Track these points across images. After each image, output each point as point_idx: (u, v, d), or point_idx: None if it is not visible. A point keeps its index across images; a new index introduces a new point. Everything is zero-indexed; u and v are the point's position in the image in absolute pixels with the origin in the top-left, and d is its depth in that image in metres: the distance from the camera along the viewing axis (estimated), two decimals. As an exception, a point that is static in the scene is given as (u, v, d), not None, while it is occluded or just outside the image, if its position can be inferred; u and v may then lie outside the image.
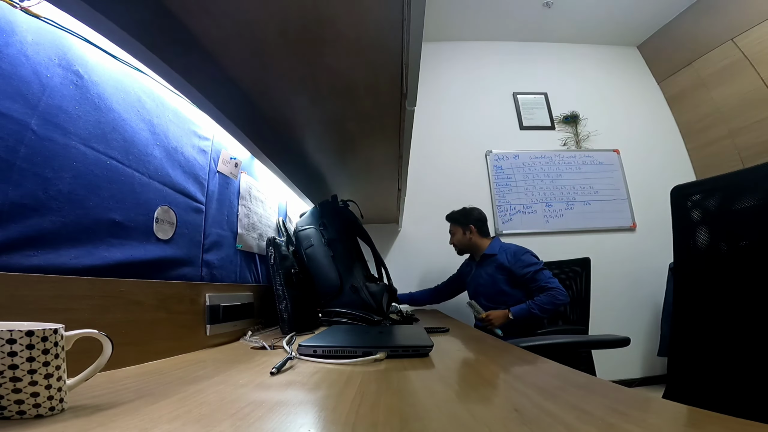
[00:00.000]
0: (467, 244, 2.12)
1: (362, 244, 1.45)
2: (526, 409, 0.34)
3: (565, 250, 2.60)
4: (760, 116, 2.59)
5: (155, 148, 0.72)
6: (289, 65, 0.78)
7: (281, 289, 1.00)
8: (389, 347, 0.63)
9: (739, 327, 0.61)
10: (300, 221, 1.33)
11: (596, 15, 3.15)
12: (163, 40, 0.59)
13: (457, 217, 2.16)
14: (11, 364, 0.30)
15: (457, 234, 2.15)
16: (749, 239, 0.62)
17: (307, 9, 0.62)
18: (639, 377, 2.70)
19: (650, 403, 0.36)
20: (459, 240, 2.14)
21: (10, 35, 0.47)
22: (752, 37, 2.62)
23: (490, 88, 3.27)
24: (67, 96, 0.54)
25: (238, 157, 1.04)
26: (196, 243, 0.83)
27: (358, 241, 1.42)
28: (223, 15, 0.63)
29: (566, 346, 1.45)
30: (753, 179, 0.63)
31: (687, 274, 0.71)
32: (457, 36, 3.37)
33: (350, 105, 0.96)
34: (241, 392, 0.42)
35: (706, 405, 0.32)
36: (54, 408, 0.33)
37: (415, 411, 0.35)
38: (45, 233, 0.49)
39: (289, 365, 0.56)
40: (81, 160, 0.55)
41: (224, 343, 0.84)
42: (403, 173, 1.51)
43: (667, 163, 3.13)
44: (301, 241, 1.29)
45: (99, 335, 0.38)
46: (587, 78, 3.37)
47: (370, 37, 0.69)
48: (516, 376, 0.48)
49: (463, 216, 2.14)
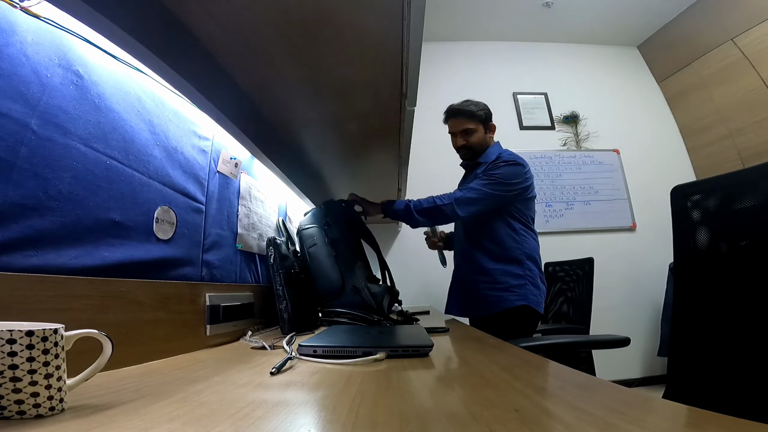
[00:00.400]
0: (484, 146, 1.58)
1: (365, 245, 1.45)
2: (526, 409, 0.34)
3: (565, 250, 2.60)
4: (760, 116, 2.59)
5: (155, 148, 0.72)
6: (289, 65, 0.78)
7: (281, 289, 1.00)
8: (389, 347, 0.63)
9: (739, 327, 0.61)
10: (304, 220, 1.34)
11: (596, 15, 3.15)
12: (163, 40, 0.59)
13: (476, 113, 1.56)
14: (11, 364, 0.30)
15: (478, 132, 1.56)
16: (749, 239, 0.62)
17: (307, 9, 0.62)
18: (639, 377, 2.70)
19: (650, 403, 0.36)
20: (479, 139, 1.56)
21: (10, 35, 0.47)
22: (752, 37, 2.62)
23: (490, 88, 3.27)
24: (67, 96, 0.54)
25: (238, 157, 1.04)
26: (196, 243, 0.83)
27: (361, 242, 1.42)
28: (223, 15, 0.63)
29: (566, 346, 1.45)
30: (753, 179, 0.63)
31: (687, 274, 0.71)
32: (457, 36, 3.37)
33: (350, 105, 0.96)
34: (241, 392, 0.42)
35: (706, 405, 0.32)
36: (54, 408, 0.33)
37: (415, 411, 0.35)
38: (45, 233, 0.49)
39: (289, 365, 0.56)
40: (81, 160, 0.55)
41: (224, 343, 0.84)
42: (403, 173, 1.51)
43: (667, 163, 3.13)
44: (304, 240, 1.29)
45: (99, 335, 0.38)
46: (587, 78, 3.37)
47: (370, 37, 0.69)
48: (516, 376, 0.48)
49: (485, 111, 1.59)
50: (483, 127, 1.59)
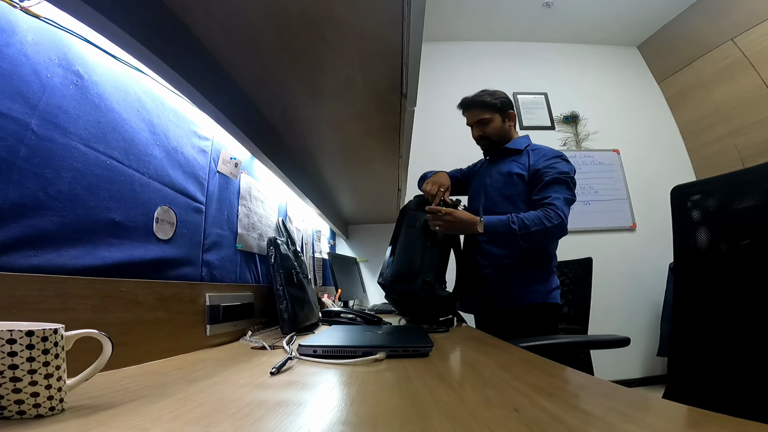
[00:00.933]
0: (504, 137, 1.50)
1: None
2: (526, 409, 0.34)
3: (565, 250, 2.58)
4: (760, 116, 2.59)
5: (155, 148, 0.72)
6: (289, 65, 0.78)
7: (281, 289, 1.00)
8: (389, 347, 0.63)
9: (739, 327, 0.61)
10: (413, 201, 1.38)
11: (596, 15, 3.15)
12: (163, 40, 0.59)
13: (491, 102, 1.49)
14: (11, 364, 0.30)
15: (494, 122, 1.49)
16: (749, 239, 0.62)
17: (307, 9, 0.62)
18: (639, 377, 2.70)
19: (650, 403, 0.36)
20: (497, 129, 1.48)
21: (10, 35, 0.47)
22: (752, 37, 2.62)
23: (490, 88, 3.27)
24: (67, 96, 0.54)
25: (238, 157, 1.04)
26: (196, 243, 0.83)
27: (451, 250, 1.42)
28: (223, 15, 0.63)
29: (566, 346, 1.45)
30: (753, 179, 0.63)
31: (687, 274, 0.71)
32: (457, 36, 3.37)
33: (350, 105, 0.96)
34: (241, 392, 0.42)
35: (706, 405, 0.32)
36: (54, 408, 0.33)
37: (415, 411, 0.35)
38: (45, 233, 0.49)
39: (289, 365, 0.56)
40: (81, 160, 0.55)
41: (224, 343, 0.84)
42: (402, 173, 1.51)
43: (667, 163, 3.13)
44: (405, 216, 1.33)
45: (99, 335, 0.38)
46: (587, 78, 3.37)
47: (370, 37, 0.69)
48: (516, 376, 0.48)
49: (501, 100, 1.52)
50: (500, 116, 1.50)
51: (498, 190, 1.40)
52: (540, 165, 1.32)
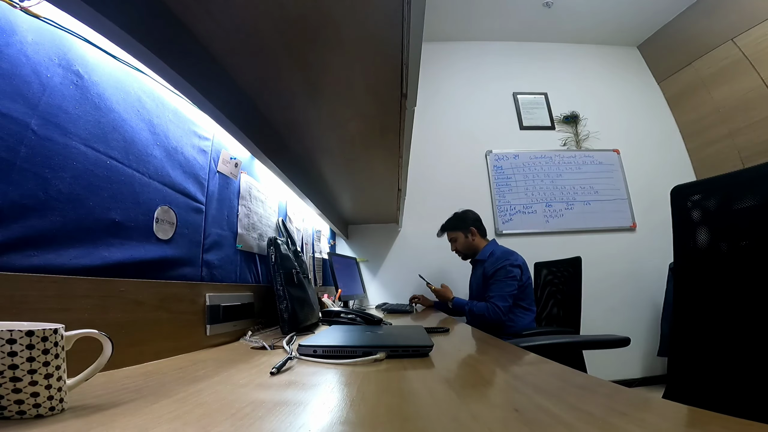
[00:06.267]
0: (471, 247, 2.12)
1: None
2: (526, 409, 0.34)
3: (565, 250, 2.60)
4: (760, 116, 2.59)
5: (155, 148, 0.72)
6: (288, 65, 0.78)
7: (281, 289, 1.00)
8: (389, 347, 0.63)
9: (739, 327, 0.61)
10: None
11: (596, 15, 3.15)
12: (164, 40, 0.59)
13: (454, 224, 2.16)
14: (11, 364, 0.30)
15: (459, 239, 2.14)
16: (749, 239, 0.62)
17: (307, 9, 0.62)
18: (639, 377, 2.70)
19: (650, 403, 0.36)
20: (462, 245, 2.14)
21: (10, 35, 0.47)
22: (752, 37, 2.62)
23: (490, 88, 3.27)
24: (67, 96, 0.54)
25: (238, 157, 1.04)
26: (196, 243, 0.83)
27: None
28: (223, 15, 0.63)
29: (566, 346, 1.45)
30: (753, 179, 0.63)
31: (687, 274, 0.71)
32: (457, 36, 3.37)
33: (350, 105, 0.96)
34: (241, 392, 0.42)
35: (706, 405, 0.32)
36: (54, 408, 0.33)
37: (415, 411, 0.35)
38: (45, 233, 0.49)
39: (289, 365, 0.56)
40: (81, 160, 0.55)
41: (224, 343, 0.84)
42: (403, 173, 1.51)
43: (667, 163, 3.13)
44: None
45: (99, 335, 0.38)
46: (587, 78, 3.37)
47: (370, 37, 0.69)
48: (516, 376, 0.48)
49: (460, 221, 2.15)
50: (462, 233, 2.14)
51: (478, 287, 2.07)
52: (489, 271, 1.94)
